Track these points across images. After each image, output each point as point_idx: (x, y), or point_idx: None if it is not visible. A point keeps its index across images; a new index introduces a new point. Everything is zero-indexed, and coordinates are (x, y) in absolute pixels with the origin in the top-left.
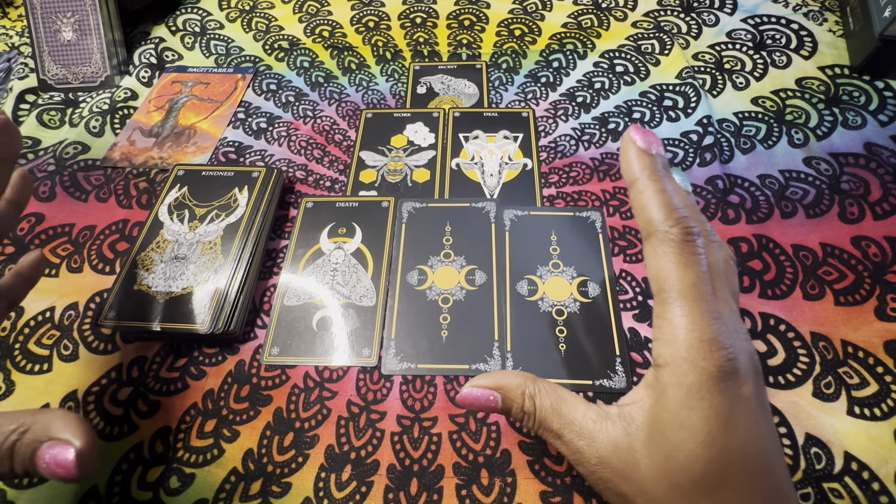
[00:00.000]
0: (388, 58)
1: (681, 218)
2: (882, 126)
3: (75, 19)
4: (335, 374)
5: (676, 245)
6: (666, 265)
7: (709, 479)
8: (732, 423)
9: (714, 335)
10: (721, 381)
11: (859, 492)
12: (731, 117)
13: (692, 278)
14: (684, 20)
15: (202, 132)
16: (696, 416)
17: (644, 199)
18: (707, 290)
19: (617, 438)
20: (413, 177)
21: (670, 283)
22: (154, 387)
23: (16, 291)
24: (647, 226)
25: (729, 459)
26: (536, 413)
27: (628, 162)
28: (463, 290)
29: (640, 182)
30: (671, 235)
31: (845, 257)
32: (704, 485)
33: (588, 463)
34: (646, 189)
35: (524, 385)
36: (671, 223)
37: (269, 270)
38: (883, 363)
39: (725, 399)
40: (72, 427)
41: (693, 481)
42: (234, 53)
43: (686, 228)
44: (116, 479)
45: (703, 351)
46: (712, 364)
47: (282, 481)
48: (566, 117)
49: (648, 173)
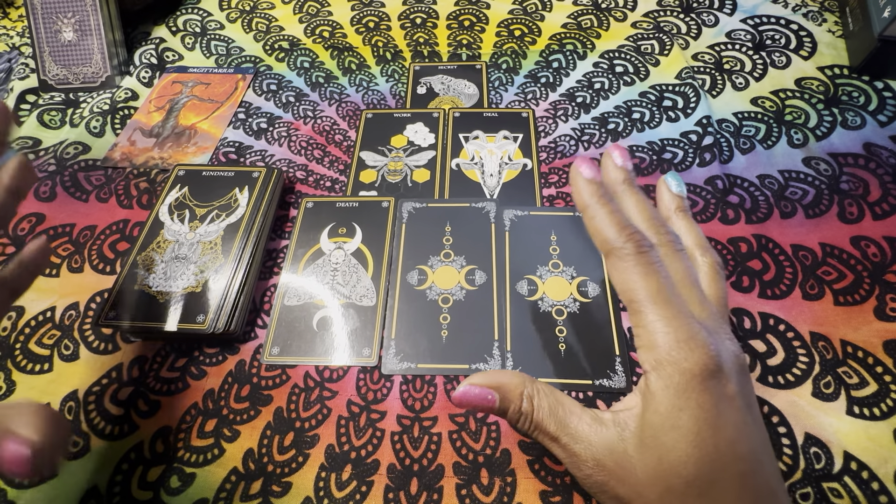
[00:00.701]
0: (389, 58)
1: (632, 233)
2: (881, 126)
3: (76, 19)
4: (335, 373)
5: (632, 257)
6: (628, 277)
7: (700, 479)
8: (720, 422)
9: (690, 333)
10: (706, 380)
11: (859, 491)
12: (730, 117)
13: (655, 285)
14: (684, 20)
15: (202, 132)
16: (685, 417)
17: (597, 223)
18: (674, 294)
19: (612, 443)
20: (413, 177)
21: (637, 293)
22: (154, 386)
23: (19, 281)
24: (604, 245)
25: (719, 460)
26: (534, 415)
27: (578, 191)
28: (463, 289)
29: (590, 208)
30: (626, 250)
31: (845, 257)
32: (696, 485)
33: (585, 466)
34: (597, 213)
35: (523, 385)
36: (623, 239)
37: (269, 270)
38: (882, 363)
39: (712, 397)
40: (34, 423)
41: (685, 482)
42: (235, 54)
43: (638, 242)
44: (117, 478)
45: (682, 350)
46: (694, 363)
47: (282, 481)
48: (566, 117)
49: (597, 199)
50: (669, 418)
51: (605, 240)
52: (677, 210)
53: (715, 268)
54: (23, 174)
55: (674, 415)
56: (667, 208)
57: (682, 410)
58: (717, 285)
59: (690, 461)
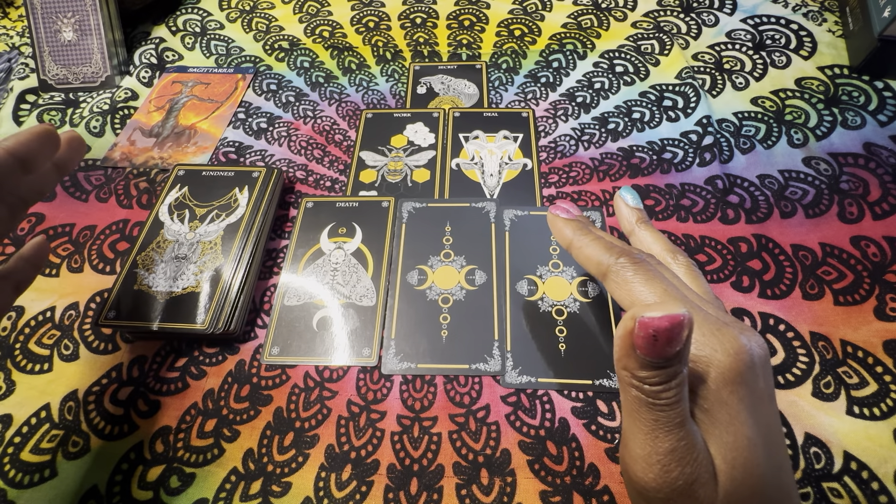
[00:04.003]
0: (389, 58)
1: (623, 250)
2: (881, 126)
3: (76, 19)
4: (335, 373)
5: (630, 269)
6: (632, 288)
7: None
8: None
9: (716, 326)
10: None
11: (858, 491)
12: (730, 117)
13: (661, 287)
14: (684, 20)
15: (202, 132)
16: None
17: (587, 251)
18: (681, 293)
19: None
20: (413, 177)
21: (645, 299)
22: (154, 386)
23: (21, 274)
24: (599, 268)
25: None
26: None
27: (560, 231)
28: (463, 289)
29: (576, 240)
30: (622, 264)
31: (844, 257)
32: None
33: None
34: (583, 243)
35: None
36: (616, 256)
37: (269, 270)
38: (882, 363)
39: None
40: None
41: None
42: (235, 54)
43: (632, 255)
44: (117, 478)
45: (710, 345)
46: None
47: (282, 481)
48: (566, 117)
49: (581, 232)
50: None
51: (598, 262)
52: (639, 222)
53: (691, 266)
54: (74, 148)
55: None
56: (629, 222)
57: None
58: (701, 281)
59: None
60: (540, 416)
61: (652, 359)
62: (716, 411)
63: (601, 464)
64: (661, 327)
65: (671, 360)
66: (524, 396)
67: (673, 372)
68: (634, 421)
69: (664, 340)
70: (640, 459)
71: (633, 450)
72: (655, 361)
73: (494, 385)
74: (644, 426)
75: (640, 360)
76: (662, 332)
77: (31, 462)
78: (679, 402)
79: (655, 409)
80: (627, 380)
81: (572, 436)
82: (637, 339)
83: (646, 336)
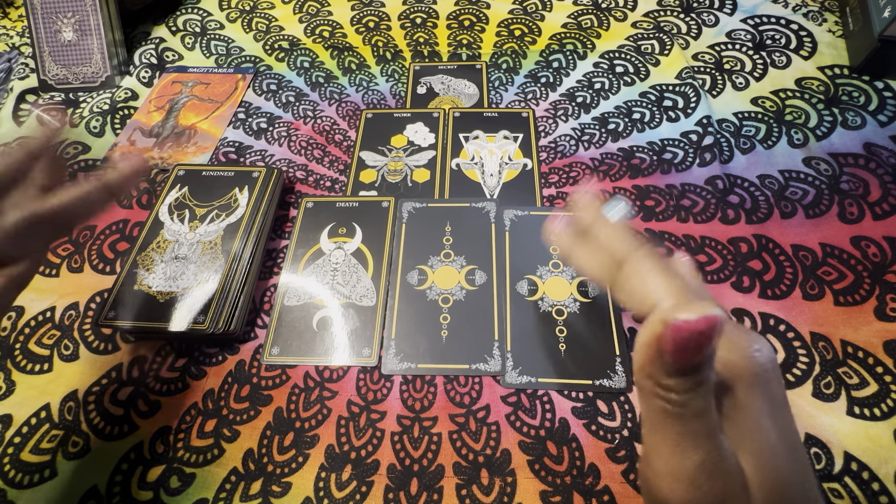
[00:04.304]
0: (389, 58)
1: (646, 241)
2: (881, 126)
3: (76, 19)
4: (335, 373)
5: (653, 258)
6: (653, 279)
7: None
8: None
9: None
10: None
11: (859, 492)
12: (730, 117)
13: (678, 284)
14: (684, 20)
15: (202, 132)
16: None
17: (610, 232)
18: (695, 291)
19: None
20: (413, 177)
21: (662, 293)
22: (154, 386)
23: (118, 185)
24: (619, 252)
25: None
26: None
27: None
28: (463, 289)
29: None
30: (645, 252)
31: (845, 257)
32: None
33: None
34: (600, 229)
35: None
36: (640, 243)
37: (269, 270)
38: (882, 363)
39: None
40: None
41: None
42: (235, 54)
43: (653, 247)
44: (117, 478)
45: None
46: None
47: (282, 481)
48: (566, 117)
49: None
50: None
51: (620, 245)
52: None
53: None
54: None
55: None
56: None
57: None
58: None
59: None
60: (540, 417)
61: (682, 364)
62: (737, 417)
63: (601, 464)
64: (699, 330)
65: (701, 365)
66: (524, 396)
67: (702, 378)
68: (658, 434)
69: (698, 344)
70: (666, 476)
71: (658, 466)
72: (684, 367)
73: (494, 385)
74: (670, 440)
75: (667, 366)
76: (699, 335)
77: (31, 462)
78: (708, 411)
79: (683, 420)
80: (651, 389)
81: (572, 436)
82: (668, 345)
83: (679, 340)
